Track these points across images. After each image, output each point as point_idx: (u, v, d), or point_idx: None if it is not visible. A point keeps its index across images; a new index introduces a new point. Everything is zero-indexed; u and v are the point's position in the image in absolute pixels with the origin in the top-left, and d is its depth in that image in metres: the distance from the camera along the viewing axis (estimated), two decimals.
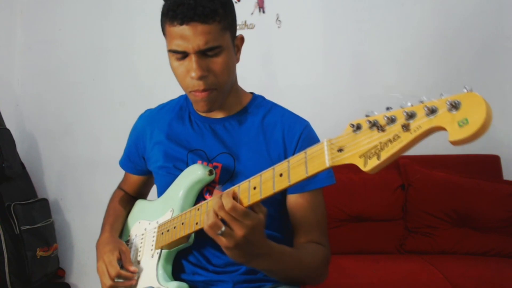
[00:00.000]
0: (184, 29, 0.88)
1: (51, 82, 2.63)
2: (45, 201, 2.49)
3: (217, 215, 0.76)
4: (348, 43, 2.38)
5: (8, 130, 2.37)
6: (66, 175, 2.61)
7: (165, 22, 0.92)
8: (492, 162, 2.14)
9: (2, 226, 2.12)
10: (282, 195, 0.99)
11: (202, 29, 0.88)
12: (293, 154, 0.98)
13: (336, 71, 2.39)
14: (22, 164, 2.44)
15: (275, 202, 0.99)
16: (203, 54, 0.90)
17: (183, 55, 0.91)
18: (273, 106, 1.07)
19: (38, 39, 2.65)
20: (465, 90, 0.52)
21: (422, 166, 2.06)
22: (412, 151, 0.59)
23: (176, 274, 1.00)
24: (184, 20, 0.87)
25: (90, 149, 2.57)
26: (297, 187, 0.71)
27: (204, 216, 0.82)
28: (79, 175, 2.59)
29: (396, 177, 2.06)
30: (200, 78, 0.91)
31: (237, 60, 1.00)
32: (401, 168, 2.09)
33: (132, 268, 1.00)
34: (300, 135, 1.00)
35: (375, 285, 1.66)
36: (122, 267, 1.01)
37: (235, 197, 0.77)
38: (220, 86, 0.95)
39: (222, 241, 0.77)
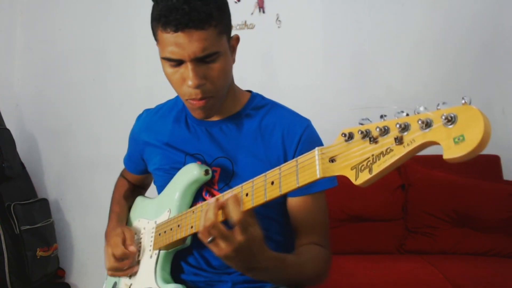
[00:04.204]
0: (179, 37, 0.82)
1: (51, 82, 2.63)
2: (45, 201, 2.49)
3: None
4: (348, 43, 2.38)
5: (8, 130, 2.37)
6: (66, 175, 2.61)
7: (157, 27, 0.85)
8: (492, 162, 2.13)
9: (2, 226, 2.12)
10: (283, 197, 0.96)
11: (198, 36, 0.82)
12: (293, 157, 0.95)
13: (336, 71, 2.38)
14: (22, 164, 2.44)
15: (277, 205, 0.98)
16: (200, 61, 0.85)
17: (178, 62, 0.86)
18: (272, 106, 1.03)
19: (38, 39, 2.65)
20: (463, 101, 0.48)
21: (422, 166, 2.06)
22: None
23: (177, 274, 0.99)
24: (178, 27, 0.81)
25: (90, 149, 2.57)
26: (298, 190, 0.70)
27: (198, 220, 0.82)
28: (79, 175, 2.59)
29: (396, 177, 2.06)
30: (198, 86, 0.86)
31: (233, 61, 0.96)
32: (401, 168, 2.09)
33: (131, 248, 1.00)
34: (300, 137, 0.96)
35: (375, 285, 1.66)
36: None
37: (223, 207, 0.75)
38: (217, 93, 0.91)
39: (213, 250, 0.76)
